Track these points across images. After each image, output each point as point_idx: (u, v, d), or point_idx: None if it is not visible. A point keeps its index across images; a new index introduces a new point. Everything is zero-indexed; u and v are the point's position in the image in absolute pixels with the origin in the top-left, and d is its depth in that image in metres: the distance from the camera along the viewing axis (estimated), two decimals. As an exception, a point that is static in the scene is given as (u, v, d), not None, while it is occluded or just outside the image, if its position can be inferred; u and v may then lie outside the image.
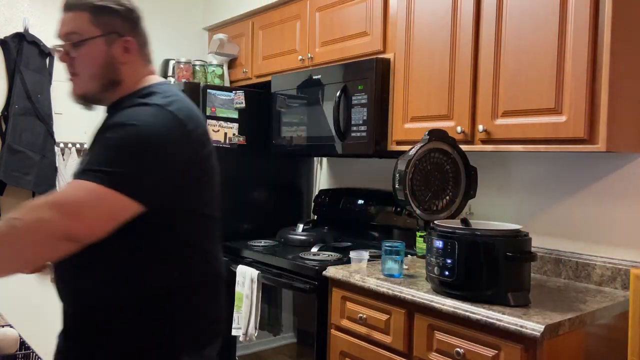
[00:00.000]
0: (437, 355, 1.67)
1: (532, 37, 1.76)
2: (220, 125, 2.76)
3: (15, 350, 1.01)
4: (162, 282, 1.24)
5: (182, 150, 1.23)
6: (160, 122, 1.21)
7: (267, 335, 2.51)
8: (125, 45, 1.31)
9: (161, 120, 1.21)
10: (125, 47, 1.31)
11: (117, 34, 1.30)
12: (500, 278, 1.57)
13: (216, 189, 1.39)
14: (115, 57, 1.30)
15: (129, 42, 1.31)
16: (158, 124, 1.20)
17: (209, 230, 1.37)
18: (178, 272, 1.26)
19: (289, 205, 3.08)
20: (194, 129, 1.26)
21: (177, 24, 3.49)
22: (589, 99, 1.62)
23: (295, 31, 2.78)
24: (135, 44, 1.33)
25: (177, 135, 1.22)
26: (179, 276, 1.26)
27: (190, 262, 1.29)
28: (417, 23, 2.13)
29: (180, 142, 1.23)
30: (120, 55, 1.30)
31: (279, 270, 2.32)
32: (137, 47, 1.33)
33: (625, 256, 1.87)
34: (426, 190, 1.83)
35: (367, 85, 2.25)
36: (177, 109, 1.24)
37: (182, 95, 1.33)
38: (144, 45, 1.38)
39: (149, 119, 1.20)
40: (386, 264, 1.93)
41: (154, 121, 1.20)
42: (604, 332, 1.67)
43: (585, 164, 1.98)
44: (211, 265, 1.35)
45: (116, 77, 1.31)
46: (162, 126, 1.21)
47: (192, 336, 1.29)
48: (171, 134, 1.21)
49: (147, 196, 1.16)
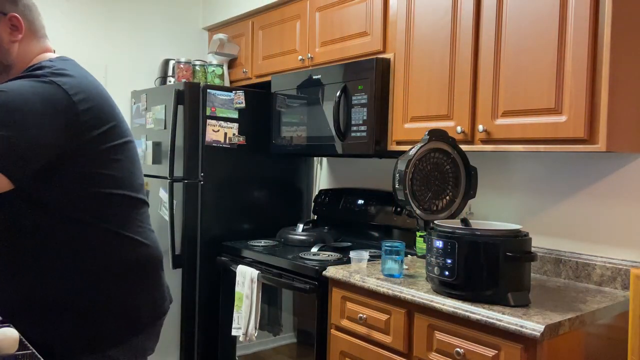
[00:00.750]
0: (437, 355, 1.67)
1: (532, 37, 1.76)
2: (220, 125, 2.76)
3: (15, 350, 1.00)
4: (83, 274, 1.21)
5: (60, 123, 1.14)
6: (35, 91, 1.11)
7: (267, 335, 2.51)
8: (12, 22, 1.21)
9: (38, 90, 1.12)
10: (12, 24, 1.21)
11: (0, 13, 1.20)
12: (500, 278, 1.57)
13: (132, 168, 1.31)
14: (3, 38, 1.20)
15: (14, 18, 1.21)
16: (30, 92, 1.11)
17: (128, 213, 1.31)
18: (95, 263, 1.23)
19: (289, 205, 3.08)
20: (84, 101, 1.18)
21: (177, 24, 3.49)
22: (589, 99, 1.62)
23: (295, 31, 2.78)
24: (22, 19, 1.23)
25: (55, 105, 1.13)
26: (97, 267, 1.23)
27: (108, 250, 1.25)
28: (417, 23, 2.13)
29: (61, 113, 1.14)
30: (8, 34, 1.21)
31: (279, 270, 2.32)
32: (25, 23, 1.23)
33: (625, 256, 1.87)
34: (426, 190, 1.83)
35: (367, 85, 2.25)
36: (64, 82, 1.16)
37: (80, 72, 1.24)
38: (32, 19, 1.26)
39: (22, 88, 1.11)
40: (386, 264, 1.93)
41: (28, 90, 1.11)
42: (604, 332, 1.67)
43: (585, 164, 1.98)
44: (134, 252, 1.31)
45: (7, 59, 1.22)
46: (36, 94, 1.11)
47: (118, 326, 1.27)
48: (47, 102, 1.12)
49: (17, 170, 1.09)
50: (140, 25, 3.35)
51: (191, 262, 2.71)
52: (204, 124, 2.71)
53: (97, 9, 3.18)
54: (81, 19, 3.12)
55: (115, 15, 3.25)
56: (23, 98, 1.10)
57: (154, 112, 2.96)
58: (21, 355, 1.00)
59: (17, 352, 1.00)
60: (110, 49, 3.23)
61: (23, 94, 1.11)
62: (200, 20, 3.59)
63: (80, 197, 1.21)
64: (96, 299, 1.24)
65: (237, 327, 2.42)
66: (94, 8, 3.17)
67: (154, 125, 2.95)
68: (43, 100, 1.13)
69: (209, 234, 2.75)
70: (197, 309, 2.72)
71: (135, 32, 3.33)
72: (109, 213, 1.26)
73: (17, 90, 1.11)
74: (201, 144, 2.72)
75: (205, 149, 2.72)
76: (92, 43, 3.16)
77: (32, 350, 1.02)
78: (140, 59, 3.35)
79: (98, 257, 1.24)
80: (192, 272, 2.71)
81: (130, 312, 1.30)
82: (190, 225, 2.71)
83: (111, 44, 3.24)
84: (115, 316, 1.27)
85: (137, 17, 3.34)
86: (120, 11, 3.27)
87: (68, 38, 3.07)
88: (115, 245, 1.27)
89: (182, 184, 2.70)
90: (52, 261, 1.20)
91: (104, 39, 3.21)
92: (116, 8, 3.25)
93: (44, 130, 1.12)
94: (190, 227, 2.71)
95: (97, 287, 1.25)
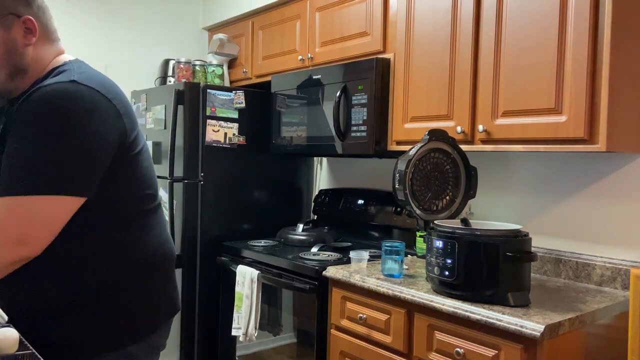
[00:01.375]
0: (437, 355, 1.67)
1: (532, 37, 1.76)
2: (220, 125, 2.76)
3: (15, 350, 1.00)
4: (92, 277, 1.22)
5: (112, 129, 1.17)
6: (83, 99, 1.12)
7: (267, 335, 2.51)
8: (26, 25, 1.20)
9: (85, 97, 1.13)
10: (26, 27, 1.20)
11: (14, 15, 1.18)
12: (500, 278, 1.57)
13: (152, 168, 1.35)
14: (18, 41, 1.19)
15: (28, 21, 1.20)
16: (80, 104, 1.12)
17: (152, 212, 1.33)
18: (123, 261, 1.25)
19: (289, 205, 3.08)
20: (120, 105, 1.21)
21: (177, 24, 3.49)
22: (589, 99, 1.62)
23: (295, 31, 2.78)
24: (36, 22, 1.22)
25: (103, 112, 1.15)
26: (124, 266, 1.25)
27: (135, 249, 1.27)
28: (417, 23, 2.13)
29: (110, 118, 1.16)
30: (22, 37, 1.20)
31: (279, 270, 2.32)
32: (38, 26, 1.23)
33: (625, 256, 1.87)
34: (426, 190, 1.83)
35: (367, 85, 2.25)
36: (100, 87, 1.17)
37: (101, 75, 1.25)
38: (46, 21, 1.26)
39: (68, 99, 1.11)
40: (386, 264, 1.93)
41: (77, 102, 1.11)
42: (604, 332, 1.67)
43: (585, 164, 1.98)
44: (158, 250, 1.33)
45: (22, 63, 1.21)
46: (85, 102, 1.12)
47: (139, 324, 1.28)
48: (97, 110, 1.14)
49: (87, 186, 1.12)
50: (140, 25, 3.35)
51: (191, 262, 2.71)
52: (204, 124, 2.71)
53: (97, 8, 3.18)
54: (81, 19, 3.12)
55: (115, 15, 3.25)
56: (76, 111, 1.11)
57: (154, 112, 2.96)
58: (21, 355, 1.00)
59: (17, 352, 1.00)
60: (110, 49, 3.23)
61: (75, 106, 1.11)
62: (200, 20, 3.59)
63: (118, 199, 1.23)
64: (121, 297, 1.26)
65: (237, 327, 2.42)
66: (94, 8, 3.17)
67: (154, 125, 2.95)
68: (93, 111, 1.14)
69: (209, 234, 2.75)
70: (197, 309, 2.72)
71: (135, 32, 3.33)
72: (138, 213, 1.29)
73: (66, 102, 1.11)
74: (201, 144, 2.72)
75: (205, 149, 2.72)
76: (92, 43, 3.16)
77: (32, 350, 1.02)
78: (140, 59, 3.35)
79: (126, 256, 1.26)
80: (192, 272, 2.71)
81: (151, 309, 1.32)
82: (190, 225, 2.71)
83: (111, 44, 3.24)
84: (137, 313, 1.29)
85: (137, 17, 3.34)
86: (120, 11, 3.27)
87: (68, 38, 3.04)
88: (142, 243, 1.29)
89: (182, 184, 2.70)
90: (82, 261, 1.21)
91: (104, 39, 3.21)
92: (116, 8, 3.25)
93: (101, 141, 1.15)
94: (190, 227, 2.71)
95: (123, 285, 1.26)
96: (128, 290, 1.27)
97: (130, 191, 1.25)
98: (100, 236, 1.22)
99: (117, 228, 1.24)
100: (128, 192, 1.24)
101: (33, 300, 1.21)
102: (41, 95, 1.10)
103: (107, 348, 1.24)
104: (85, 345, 1.22)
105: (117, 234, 1.24)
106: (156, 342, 1.35)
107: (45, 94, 1.10)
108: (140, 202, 1.29)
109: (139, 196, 1.28)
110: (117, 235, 1.24)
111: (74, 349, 1.22)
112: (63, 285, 1.20)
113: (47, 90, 1.11)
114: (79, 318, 1.22)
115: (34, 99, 1.10)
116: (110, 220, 1.23)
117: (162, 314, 1.35)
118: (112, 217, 1.23)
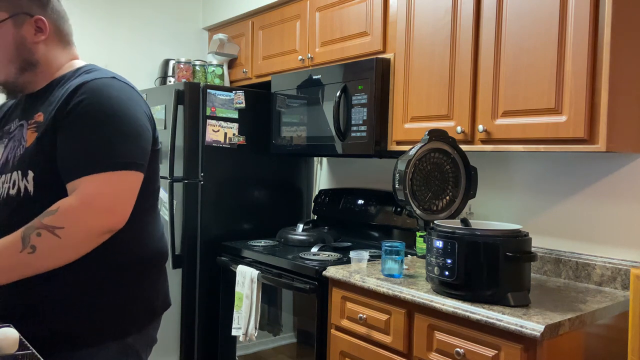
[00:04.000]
0: (437, 355, 1.67)
1: (532, 37, 1.76)
2: (220, 125, 2.76)
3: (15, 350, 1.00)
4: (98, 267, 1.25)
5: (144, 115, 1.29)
6: (124, 91, 1.26)
7: (267, 335, 2.51)
8: (37, 25, 1.27)
9: (123, 90, 1.26)
10: (37, 26, 1.27)
11: (26, 14, 1.26)
12: (500, 278, 1.57)
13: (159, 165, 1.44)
14: (27, 38, 1.27)
15: (39, 21, 1.27)
16: (123, 93, 1.25)
17: (155, 206, 1.40)
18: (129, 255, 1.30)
19: (289, 205, 3.08)
20: (145, 103, 1.32)
21: (177, 24, 3.49)
22: (589, 98, 1.62)
23: (295, 31, 2.78)
24: (48, 22, 1.29)
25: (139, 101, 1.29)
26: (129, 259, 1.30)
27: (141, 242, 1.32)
28: (417, 23, 2.13)
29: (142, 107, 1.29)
30: (32, 35, 1.27)
31: (279, 270, 2.32)
32: (50, 26, 1.30)
33: (625, 256, 1.87)
34: (426, 190, 1.83)
35: (367, 85, 2.25)
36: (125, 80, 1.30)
37: None
38: (60, 24, 1.33)
39: (113, 90, 1.24)
40: (386, 264, 1.93)
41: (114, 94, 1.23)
42: (604, 332, 1.67)
43: (585, 164, 1.98)
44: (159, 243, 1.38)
45: (31, 57, 1.28)
46: (130, 94, 1.27)
47: (140, 315, 1.32)
48: (135, 99, 1.27)
49: (145, 164, 1.25)
50: (140, 25, 3.35)
51: (191, 262, 2.71)
52: (204, 124, 2.71)
53: (97, 8, 3.18)
54: (81, 19, 3.11)
55: (116, 15, 3.25)
56: (126, 101, 1.24)
57: (154, 112, 2.96)
58: (21, 355, 1.00)
59: (17, 352, 1.00)
60: (110, 48, 3.23)
61: (125, 97, 1.25)
62: (200, 20, 3.59)
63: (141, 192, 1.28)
64: (122, 289, 1.29)
65: (237, 327, 2.42)
66: (94, 8, 3.17)
67: (154, 125, 2.95)
68: (138, 104, 1.28)
69: (209, 234, 2.75)
70: (197, 309, 2.72)
71: (135, 32, 3.33)
72: (147, 207, 1.34)
73: (118, 92, 1.24)
74: (201, 144, 2.72)
75: (205, 149, 2.72)
76: (92, 43, 3.16)
77: (32, 350, 1.02)
78: (140, 59, 3.35)
79: (131, 249, 1.30)
80: (192, 272, 2.71)
81: (152, 301, 1.36)
82: (190, 225, 2.71)
83: (111, 43, 3.24)
84: (137, 305, 1.32)
85: (137, 17, 3.34)
86: (120, 11, 3.27)
87: (68, 38, 3.06)
88: (143, 239, 1.33)
89: (182, 184, 2.70)
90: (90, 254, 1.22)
91: (104, 38, 3.21)
92: (116, 8, 3.25)
93: (147, 130, 1.28)
94: (190, 227, 2.71)
95: (123, 278, 1.29)
96: (128, 283, 1.30)
97: (147, 184, 1.30)
98: None
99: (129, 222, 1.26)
100: (145, 185, 1.30)
101: (35, 292, 1.22)
102: (93, 88, 1.21)
103: (108, 338, 1.27)
104: (87, 336, 1.25)
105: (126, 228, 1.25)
106: (151, 334, 1.38)
107: (97, 87, 1.22)
108: (147, 198, 1.34)
109: (149, 191, 1.34)
110: (128, 229, 1.25)
111: (75, 339, 1.24)
112: (61, 279, 1.22)
113: (97, 83, 1.22)
114: (80, 309, 1.24)
115: (87, 90, 1.20)
116: None
117: (159, 306, 1.39)
118: None
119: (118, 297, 1.28)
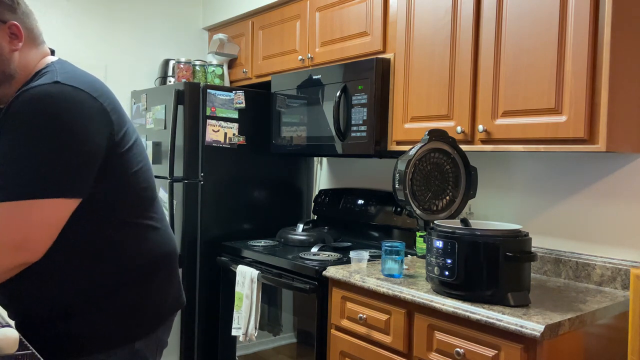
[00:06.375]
0: (437, 355, 1.67)
1: (532, 37, 1.76)
2: (220, 125, 2.76)
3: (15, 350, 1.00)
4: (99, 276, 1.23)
5: (100, 128, 1.16)
6: (67, 101, 1.11)
7: (267, 335, 2.51)
8: (11, 31, 1.18)
9: (69, 99, 1.11)
10: (11, 33, 1.18)
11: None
12: (500, 278, 1.57)
13: (149, 164, 1.36)
14: (3, 47, 1.17)
15: (13, 26, 1.19)
16: (61, 102, 1.10)
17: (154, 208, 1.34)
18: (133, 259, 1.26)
19: (289, 205, 3.08)
20: (107, 102, 1.20)
21: (177, 24, 3.49)
22: (589, 98, 1.62)
23: (295, 31, 2.78)
24: (21, 27, 1.20)
25: (91, 111, 1.14)
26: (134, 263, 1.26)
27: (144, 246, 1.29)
28: (417, 23, 2.13)
29: (95, 116, 1.15)
30: (8, 43, 1.18)
31: (279, 270, 2.32)
32: (24, 31, 1.21)
33: (625, 256, 1.87)
34: (426, 190, 1.83)
35: (367, 85, 2.25)
36: (84, 85, 1.16)
37: (84, 72, 1.24)
38: (31, 26, 1.24)
39: (47, 100, 1.09)
40: (386, 264, 1.93)
41: (61, 105, 1.10)
42: (604, 332, 1.67)
43: (585, 164, 1.98)
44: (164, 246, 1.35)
45: (9, 69, 1.19)
46: (69, 103, 1.11)
47: (147, 320, 1.30)
48: (84, 110, 1.13)
49: (81, 186, 1.12)
50: (140, 25, 3.35)
51: (191, 262, 2.71)
52: (204, 124, 2.71)
53: (97, 8, 3.18)
54: (81, 19, 3.11)
55: (115, 15, 3.25)
56: (62, 113, 1.10)
57: (154, 112, 2.96)
58: (21, 355, 1.00)
59: (17, 352, 1.00)
60: (110, 49, 3.23)
61: (61, 107, 1.10)
62: (200, 20, 3.59)
63: (112, 198, 1.22)
64: (131, 294, 1.27)
65: (237, 327, 2.42)
66: (94, 8, 3.17)
67: (154, 125, 2.95)
68: (80, 110, 1.13)
69: (209, 234, 2.75)
70: (197, 309, 2.72)
71: (135, 32, 3.33)
72: (142, 210, 1.29)
73: (52, 104, 1.09)
74: (201, 144, 2.72)
75: (205, 149, 2.72)
76: (92, 43, 3.16)
77: (32, 350, 1.02)
78: (140, 59, 3.35)
79: (127, 255, 1.27)
80: (192, 272, 2.71)
81: (159, 305, 1.33)
82: (190, 225, 2.71)
83: (111, 44, 3.24)
84: (143, 311, 1.30)
85: (137, 17, 3.34)
86: (120, 11, 3.27)
87: (68, 38, 3.07)
88: (143, 242, 1.30)
89: (182, 184, 2.70)
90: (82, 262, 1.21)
91: (104, 39, 3.21)
92: (116, 8, 3.25)
93: (91, 140, 1.13)
94: (190, 227, 2.71)
95: (132, 283, 1.27)
96: (132, 289, 1.27)
97: (124, 188, 1.24)
98: (100, 236, 1.22)
99: (116, 227, 1.24)
100: (122, 189, 1.23)
101: (40, 300, 1.21)
102: (25, 99, 1.09)
103: (115, 344, 1.25)
104: (93, 342, 1.23)
105: (117, 233, 1.24)
106: (161, 337, 1.36)
107: (30, 98, 1.09)
108: (137, 200, 1.28)
109: (135, 193, 1.27)
110: (117, 234, 1.24)
111: (82, 346, 1.23)
112: (65, 287, 1.21)
113: (31, 93, 1.09)
114: (85, 316, 1.22)
115: (19, 103, 1.09)
116: (107, 220, 1.23)
117: (168, 309, 1.37)
118: (109, 217, 1.23)
119: (124, 303, 1.26)
